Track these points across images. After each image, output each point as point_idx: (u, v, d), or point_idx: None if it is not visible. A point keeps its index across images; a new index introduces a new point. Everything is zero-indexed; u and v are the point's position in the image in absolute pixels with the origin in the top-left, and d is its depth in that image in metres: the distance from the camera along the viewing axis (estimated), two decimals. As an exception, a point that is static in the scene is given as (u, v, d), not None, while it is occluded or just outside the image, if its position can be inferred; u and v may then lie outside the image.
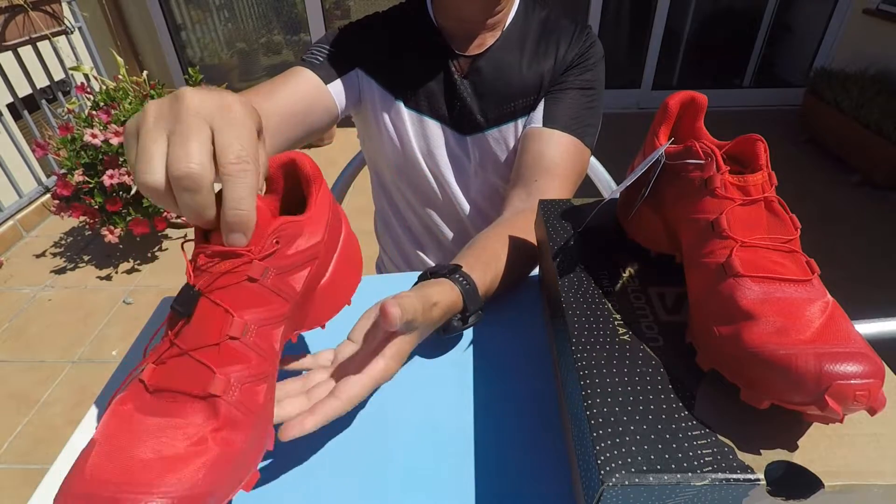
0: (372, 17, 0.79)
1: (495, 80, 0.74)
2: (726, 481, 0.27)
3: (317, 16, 3.08)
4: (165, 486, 0.26)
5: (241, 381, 0.30)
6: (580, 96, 0.73)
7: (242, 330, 0.30)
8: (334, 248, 0.39)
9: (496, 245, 0.54)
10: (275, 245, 0.32)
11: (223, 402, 0.29)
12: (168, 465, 0.27)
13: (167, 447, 0.28)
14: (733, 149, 0.38)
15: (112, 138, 1.83)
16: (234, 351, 0.30)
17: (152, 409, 0.29)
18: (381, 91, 0.76)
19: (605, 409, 0.31)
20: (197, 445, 0.28)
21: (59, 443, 1.39)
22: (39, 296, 1.93)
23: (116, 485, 0.26)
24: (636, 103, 3.38)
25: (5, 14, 2.09)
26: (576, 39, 0.75)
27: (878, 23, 2.80)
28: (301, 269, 0.35)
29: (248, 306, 0.31)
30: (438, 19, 0.75)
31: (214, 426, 0.29)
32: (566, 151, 0.70)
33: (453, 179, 0.80)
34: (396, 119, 0.77)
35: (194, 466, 0.27)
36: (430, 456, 0.39)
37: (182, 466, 0.27)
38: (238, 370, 0.30)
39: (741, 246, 0.33)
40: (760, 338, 0.29)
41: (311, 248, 0.35)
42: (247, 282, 0.31)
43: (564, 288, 0.41)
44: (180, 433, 0.28)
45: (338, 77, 0.73)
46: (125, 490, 0.25)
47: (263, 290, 0.32)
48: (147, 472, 0.26)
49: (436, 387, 0.45)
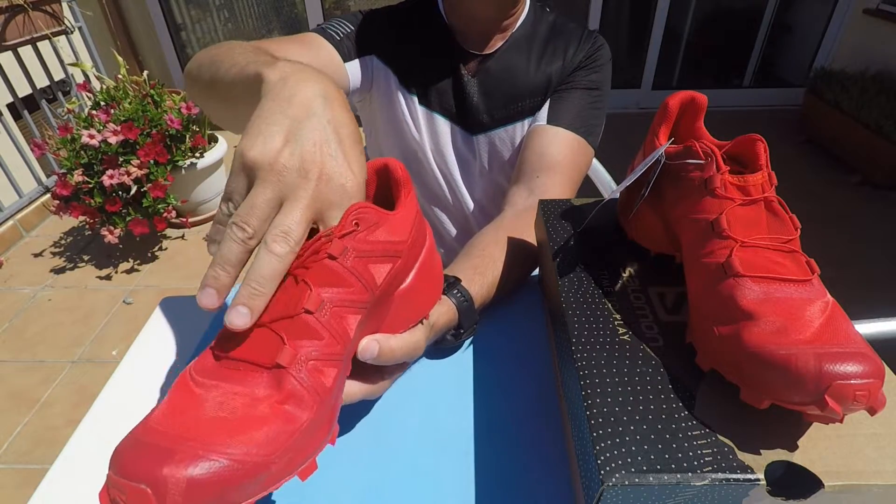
0: (387, 9, 0.78)
1: (503, 80, 0.74)
2: (726, 481, 0.27)
3: (317, 16, 3.08)
4: (224, 445, 0.25)
5: (311, 358, 0.30)
6: (586, 96, 0.74)
7: (318, 305, 0.30)
8: (416, 257, 0.39)
9: (495, 251, 0.54)
10: (353, 226, 0.32)
11: (289, 376, 0.29)
12: (227, 427, 0.26)
13: (227, 411, 0.27)
14: (733, 149, 0.38)
15: (110, 137, 1.83)
16: (308, 326, 0.30)
17: (214, 374, 0.29)
18: (398, 82, 0.76)
19: (605, 409, 0.31)
20: (258, 414, 0.27)
21: (59, 443, 1.39)
22: (39, 296, 1.93)
23: (173, 438, 0.25)
24: (636, 103, 3.38)
25: (5, 14, 2.09)
26: (584, 42, 0.75)
27: (878, 23, 2.80)
28: (382, 262, 0.35)
29: (327, 284, 0.31)
30: (450, 18, 0.75)
31: (278, 398, 0.28)
32: (569, 149, 0.70)
33: (460, 178, 0.81)
34: (411, 112, 0.76)
35: (255, 433, 0.27)
36: (431, 456, 0.39)
37: (242, 431, 0.26)
38: (309, 346, 0.30)
39: (741, 246, 0.33)
40: (760, 338, 0.29)
41: (394, 245, 0.35)
42: (327, 259, 0.31)
43: (564, 288, 0.41)
44: (240, 400, 0.28)
45: (355, 58, 0.73)
46: (181, 443, 0.25)
47: (343, 270, 0.32)
48: (205, 430, 0.26)
49: (436, 387, 0.45)
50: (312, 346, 0.30)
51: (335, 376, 0.31)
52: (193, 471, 0.24)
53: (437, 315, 0.44)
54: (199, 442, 0.25)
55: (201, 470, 0.24)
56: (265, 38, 0.63)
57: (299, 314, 0.30)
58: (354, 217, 0.32)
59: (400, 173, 0.37)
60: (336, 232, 0.31)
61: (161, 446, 0.25)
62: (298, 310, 0.30)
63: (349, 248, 0.32)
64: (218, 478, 0.24)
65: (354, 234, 0.32)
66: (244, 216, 0.30)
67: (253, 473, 0.26)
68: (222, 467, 0.24)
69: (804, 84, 3.00)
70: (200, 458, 0.24)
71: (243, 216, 0.30)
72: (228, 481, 0.25)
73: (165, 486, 0.23)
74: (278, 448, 0.27)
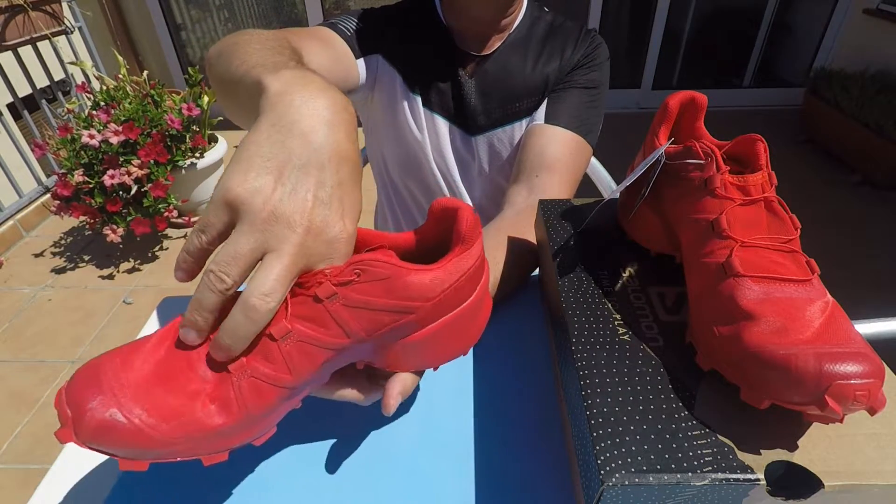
0: (384, 9, 0.78)
1: (501, 80, 0.74)
2: (726, 481, 0.27)
3: (317, 16, 3.08)
4: (137, 406, 0.27)
5: (255, 375, 0.30)
6: (583, 94, 0.74)
7: (284, 334, 0.29)
8: (443, 313, 0.34)
9: (495, 251, 0.54)
10: (354, 275, 0.30)
11: (229, 379, 0.29)
12: (151, 391, 0.28)
13: (164, 376, 0.29)
14: (733, 149, 0.38)
15: (111, 137, 1.83)
16: (266, 348, 0.30)
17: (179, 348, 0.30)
18: (402, 83, 0.75)
19: (605, 409, 0.31)
20: (185, 392, 0.29)
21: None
22: (39, 296, 1.93)
23: (114, 377, 0.28)
24: (636, 103, 3.38)
25: (5, 14, 2.09)
26: (581, 41, 0.75)
27: (878, 23, 2.80)
28: (381, 315, 0.31)
29: (304, 318, 0.30)
30: (448, 18, 0.75)
31: (209, 392, 0.29)
32: (567, 148, 0.70)
33: (459, 179, 0.81)
34: (414, 113, 0.76)
35: (166, 409, 0.28)
36: (431, 456, 0.39)
37: (159, 400, 0.28)
38: (259, 365, 0.30)
39: (741, 246, 0.33)
40: (760, 338, 0.29)
41: (402, 304, 0.32)
42: (311, 299, 0.30)
43: (564, 288, 0.41)
44: (182, 374, 0.29)
45: (363, 56, 0.72)
46: (115, 387, 0.28)
47: (324, 313, 0.30)
48: (136, 383, 0.28)
49: (436, 387, 0.45)
50: (262, 366, 0.30)
51: (274, 400, 0.30)
52: (105, 415, 0.27)
53: None
54: (125, 392, 0.28)
55: (110, 418, 0.27)
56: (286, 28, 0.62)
57: (263, 334, 0.29)
58: (359, 267, 0.30)
59: (464, 226, 0.33)
60: (332, 274, 0.29)
61: (102, 382, 0.28)
62: (265, 330, 0.29)
63: (340, 295, 0.30)
64: (119, 433, 0.27)
65: (352, 285, 0.30)
66: (225, 266, 0.27)
67: (149, 445, 0.27)
68: (124, 425, 0.27)
69: (804, 84, 3.00)
70: (114, 408, 0.27)
71: (224, 266, 0.27)
72: (127, 441, 0.27)
73: (82, 419, 0.27)
74: (181, 434, 0.28)
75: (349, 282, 0.30)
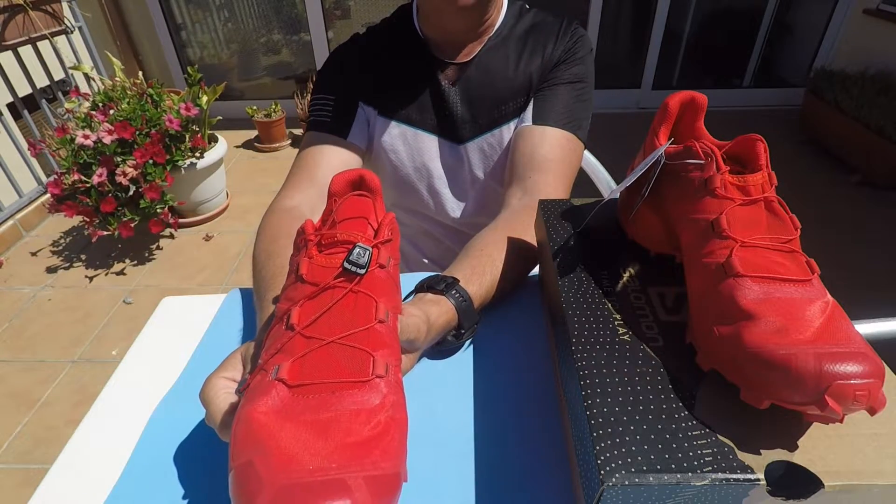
0: (355, 38, 0.78)
1: (485, 85, 0.74)
2: (726, 481, 0.27)
3: (317, 16, 3.08)
4: (372, 460, 0.25)
5: (391, 364, 0.31)
6: (570, 90, 0.73)
7: (385, 313, 0.32)
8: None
9: (493, 251, 0.54)
10: (390, 234, 0.35)
11: (385, 384, 0.29)
12: (361, 447, 0.26)
13: (348, 434, 0.26)
14: (733, 149, 0.38)
15: (105, 137, 1.82)
16: (380, 335, 0.31)
17: (305, 405, 0.27)
18: (375, 115, 0.76)
19: (605, 409, 0.31)
20: (377, 428, 0.27)
21: (59, 443, 1.39)
22: (39, 296, 1.93)
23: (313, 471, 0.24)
24: (636, 103, 3.37)
25: (5, 14, 2.09)
26: (562, 36, 0.74)
27: (878, 23, 2.80)
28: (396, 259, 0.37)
29: (382, 293, 0.33)
30: (424, 30, 0.74)
31: (385, 408, 0.28)
32: (558, 146, 0.70)
33: (448, 190, 0.81)
34: (390, 139, 0.77)
35: (385, 447, 0.26)
36: (430, 456, 0.39)
37: (374, 447, 0.26)
38: (384, 354, 0.30)
39: (741, 246, 0.33)
40: (760, 338, 0.29)
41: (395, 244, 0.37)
42: (378, 268, 0.33)
43: (564, 288, 0.41)
44: (356, 420, 0.27)
45: (351, 123, 0.73)
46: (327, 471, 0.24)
47: (389, 279, 0.34)
48: (346, 453, 0.25)
49: (436, 386, 0.45)
50: (387, 353, 0.31)
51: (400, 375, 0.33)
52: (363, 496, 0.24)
53: (437, 315, 0.44)
54: (346, 464, 0.25)
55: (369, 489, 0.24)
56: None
57: (373, 325, 0.30)
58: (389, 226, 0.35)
59: (369, 182, 0.39)
60: (380, 237, 0.34)
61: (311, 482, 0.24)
62: (373, 321, 0.31)
63: (391, 256, 0.34)
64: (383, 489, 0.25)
65: (389, 244, 0.34)
66: None
67: (398, 485, 0.26)
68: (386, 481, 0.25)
69: (804, 84, 2.99)
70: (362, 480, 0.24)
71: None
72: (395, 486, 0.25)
73: None
74: (403, 454, 0.28)
75: (389, 241, 0.35)
